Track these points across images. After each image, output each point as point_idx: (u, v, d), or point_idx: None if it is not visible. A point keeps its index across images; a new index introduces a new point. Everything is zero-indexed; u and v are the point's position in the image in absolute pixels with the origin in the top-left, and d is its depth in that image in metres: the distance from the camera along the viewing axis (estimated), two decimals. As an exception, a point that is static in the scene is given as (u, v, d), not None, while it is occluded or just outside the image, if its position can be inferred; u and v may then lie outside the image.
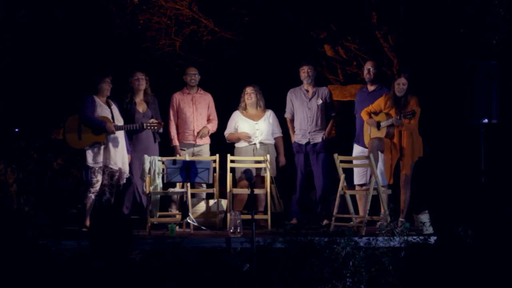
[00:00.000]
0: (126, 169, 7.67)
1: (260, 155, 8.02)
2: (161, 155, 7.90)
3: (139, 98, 8.02)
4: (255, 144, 8.14)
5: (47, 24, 8.97)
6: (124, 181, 7.72)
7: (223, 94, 8.53)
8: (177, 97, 8.24)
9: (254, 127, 8.15)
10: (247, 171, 6.79)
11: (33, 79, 8.92)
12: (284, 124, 8.32)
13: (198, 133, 8.18)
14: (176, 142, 8.18)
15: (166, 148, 8.13)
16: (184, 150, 8.15)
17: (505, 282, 6.34)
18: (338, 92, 9.49)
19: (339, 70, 9.80)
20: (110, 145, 7.54)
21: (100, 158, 7.51)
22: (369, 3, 9.03)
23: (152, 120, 7.84)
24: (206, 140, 8.28)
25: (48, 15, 8.93)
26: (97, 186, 7.52)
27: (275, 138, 8.25)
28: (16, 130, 8.31)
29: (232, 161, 7.91)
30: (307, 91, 8.13)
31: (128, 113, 7.89)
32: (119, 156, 7.60)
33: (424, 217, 7.04)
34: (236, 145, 8.23)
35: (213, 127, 8.27)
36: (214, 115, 8.30)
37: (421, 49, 8.48)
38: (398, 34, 8.82)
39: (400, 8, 8.70)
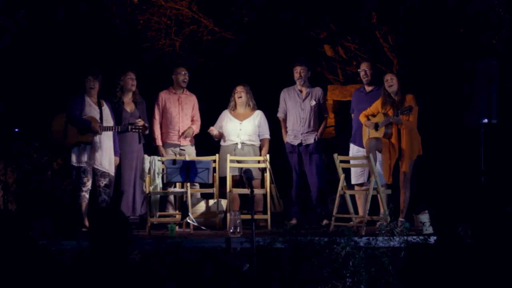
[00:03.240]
0: (112, 171, 7.60)
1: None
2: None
3: (128, 98, 7.98)
4: (236, 143, 8.12)
5: (47, 24, 8.97)
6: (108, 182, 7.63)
7: (223, 94, 8.52)
8: (163, 96, 8.18)
9: (237, 127, 8.12)
10: (247, 171, 6.78)
11: (33, 79, 8.92)
12: (277, 124, 8.29)
13: (182, 133, 8.14)
14: (159, 142, 8.12)
15: (150, 149, 8.04)
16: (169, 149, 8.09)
17: (505, 282, 6.33)
18: (338, 92, 9.48)
19: (339, 70, 9.79)
20: (96, 145, 7.48)
21: (85, 158, 7.46)
22: (369, 3, 9.02)
23: (139, 120, 7.77)
24: (190, 141, 8.25)
25: (49, 15, 8.93)
26: (89, 185, 7.48)
27: (260, 140, 8.22)
28: (16, 130, 8.31)
29: (232, 161, 7.92)
30: (301, 91, 8.09)
31: (116, 112, 7.84)
32: (106, 158, 7.55)
33: (424, 217, 7.03)
34: (221, 143, 8.22)
35: (196, 128, 8.23)
36: (197, 117, 8.26)
37: (421, 49, 8.47)
38: (398, 34, 8.81)
39: (400, 8, 8.69)
